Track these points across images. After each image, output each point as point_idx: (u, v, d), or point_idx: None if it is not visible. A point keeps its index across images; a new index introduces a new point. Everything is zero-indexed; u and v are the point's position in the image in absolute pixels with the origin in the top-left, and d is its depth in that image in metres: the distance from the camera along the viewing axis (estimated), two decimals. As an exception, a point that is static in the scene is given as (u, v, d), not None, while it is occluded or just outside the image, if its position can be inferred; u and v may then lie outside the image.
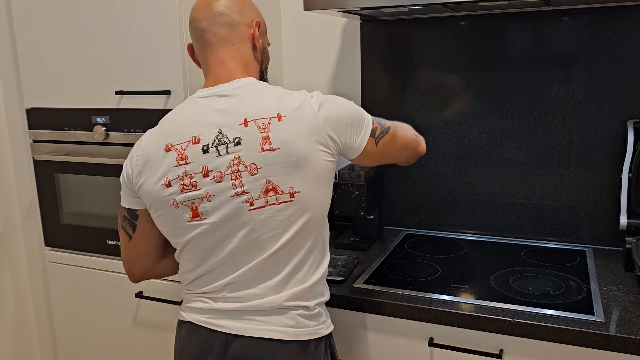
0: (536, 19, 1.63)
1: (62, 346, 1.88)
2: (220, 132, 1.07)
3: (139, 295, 1.68)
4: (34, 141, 1.74)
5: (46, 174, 1.75)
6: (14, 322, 2.08)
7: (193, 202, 1.08)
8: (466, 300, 1.33)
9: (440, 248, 1.72)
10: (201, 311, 1.14)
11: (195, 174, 1.07)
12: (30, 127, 1.74)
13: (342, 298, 1.38)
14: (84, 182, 1.70)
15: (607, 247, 1.67)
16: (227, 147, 1.06)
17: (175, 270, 1.24)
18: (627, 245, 1.47)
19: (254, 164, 1.05)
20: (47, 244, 1.81)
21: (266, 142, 1.05)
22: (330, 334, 1.22)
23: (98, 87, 1.61)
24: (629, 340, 1.14)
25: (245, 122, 1.06)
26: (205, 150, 1.07)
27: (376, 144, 1.18)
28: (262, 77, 1.24)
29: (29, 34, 1.68)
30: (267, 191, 1.06)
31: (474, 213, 1.81)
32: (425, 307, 1.30)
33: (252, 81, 1.14)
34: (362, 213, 1.65)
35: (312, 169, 1.08)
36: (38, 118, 1.72)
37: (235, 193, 1.06)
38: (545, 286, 1.41)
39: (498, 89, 1.71)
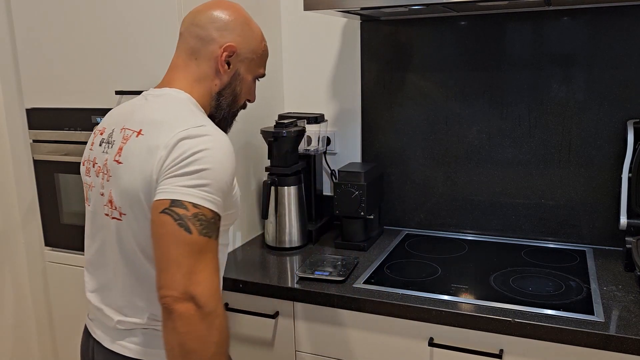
0: (536, 19, 1.63)
1: (62, 346, 1.88)
2: (113, 130, 1.07)
3: (139, 295, 1.68)
4: (34, 141, 1.74)
5: (46, 174, 1.75)
6: (14, 322, 2.08)
7: (86, 186, 1.13)
8: (466, 300, 1.33)
9: (440, 248, 1.72)
10: (89, 312, 1.17)
11: (90, 162, 1.11)
12: (30, 127, 1.74)
13: (342, 298, 1.38)
14: (84, 182, 1.70)
15: (607, 247, 1.67)
16: (109, 146, 1.06)
17: None
18: (627, 245, 1.47)
19: (109, 170, 1.04)
20: (47, 244, 1.81)
21: (118, 153, 1.02)
22: None
23: (98, 87, 1.61)
24: (629, 340, 1.14)
25: (123, 128, 1.05)
26: (100, 143, 1.09)
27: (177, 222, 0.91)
28: (219, 105, 1.13)
29: (29, 34, 1.68)
30: (110, 201, 1.04)
31: (474, 213, 1.81)
32: (425, 307, 1.30)
33: (173, 92, 1.07)
34: (362, 213, 1.65)
35: (139, 194, 0.99)
36: (38, 118, 1.72)
37: (101, 193, 1.06)
38: (545, 286, 1.41)
39: (498, 89, 1.71)
